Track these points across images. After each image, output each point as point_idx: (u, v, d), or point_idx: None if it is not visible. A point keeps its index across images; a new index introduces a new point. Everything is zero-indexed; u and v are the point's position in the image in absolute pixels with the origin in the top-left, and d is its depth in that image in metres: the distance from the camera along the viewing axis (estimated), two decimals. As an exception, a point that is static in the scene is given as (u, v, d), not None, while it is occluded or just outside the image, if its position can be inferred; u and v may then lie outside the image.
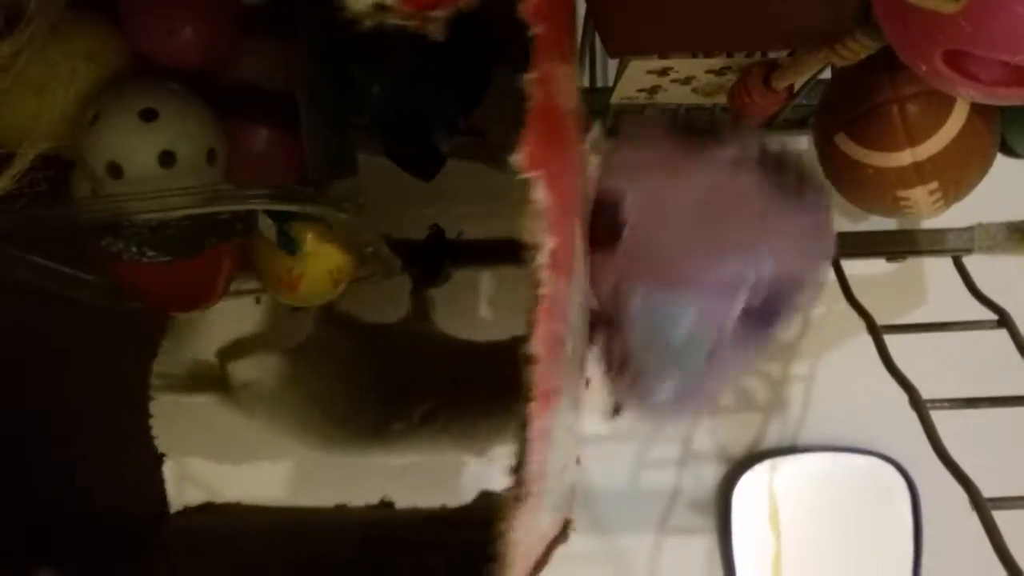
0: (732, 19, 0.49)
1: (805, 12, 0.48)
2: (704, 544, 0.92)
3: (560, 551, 0.53)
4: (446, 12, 0.33)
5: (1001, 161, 0.60)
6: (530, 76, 0.33)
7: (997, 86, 0.37)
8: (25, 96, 0.44)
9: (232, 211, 0.51)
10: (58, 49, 0.45)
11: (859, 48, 0.48)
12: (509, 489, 0.38)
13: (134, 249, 0.49)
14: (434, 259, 0.74)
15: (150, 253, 0.49)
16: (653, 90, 0.62)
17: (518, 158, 0.33)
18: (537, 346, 0.37)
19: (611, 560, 0.93)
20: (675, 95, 0.63)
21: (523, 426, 0.38)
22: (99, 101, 0.46)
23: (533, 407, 0.38)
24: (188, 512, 0.68)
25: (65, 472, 0.58)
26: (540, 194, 0.34)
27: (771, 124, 0.78)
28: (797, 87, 0.59)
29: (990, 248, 0.72)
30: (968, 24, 0.33)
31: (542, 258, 0.35)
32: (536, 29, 0.34)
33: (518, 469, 0.38)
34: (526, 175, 0.34)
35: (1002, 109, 0.58)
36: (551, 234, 0.35)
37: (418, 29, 0.33)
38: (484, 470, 0.88)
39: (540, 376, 0.37)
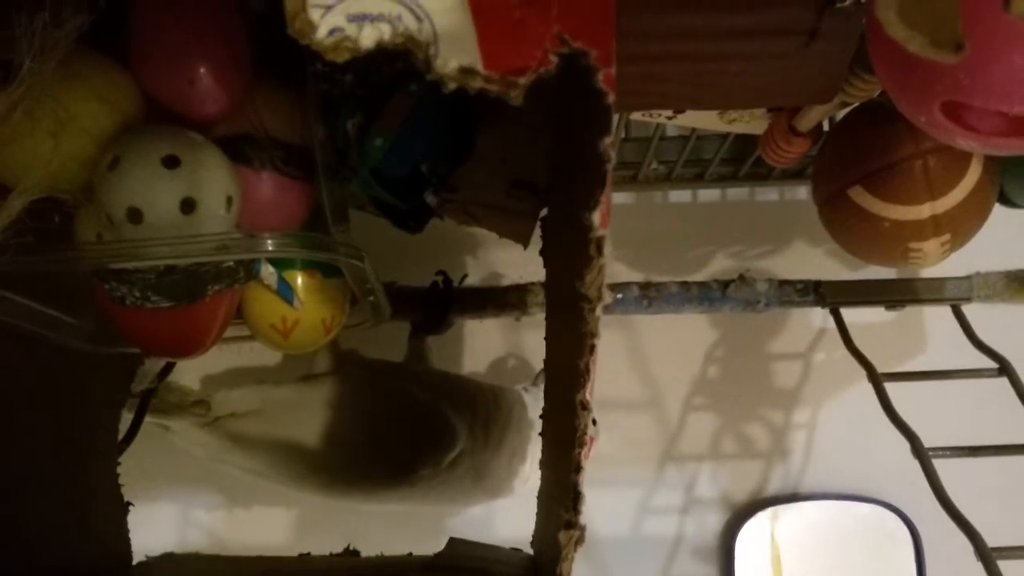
0: (725, 80, 0.49)
1: (796, 75, 0.48)
2: (707, 593, 0.91)
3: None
4: (528, 79, 0.33)
5: (998, 211, 0.61)
6: (607, 140, 0.33)
7: (995, 136, 0.37)
8: (40, 138, 0.44)
9: (240, 258, 0.51)
10: (72, 90, 0.45)
11: (869, 87, 0.49)
12: (567, 531, 0.39)
13: (138, 294, 0.49)
14: (439, 307, 0.74)
15: (153, 298, 0.49)
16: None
17: (595, 216, 0.34)
18: (589, 394, 0.38)
19: (613, 609, 0.92)
20: (695, 119, 0.63)
21: (576, 471, 0.39)
22: (119, 146, 0.46)
23: (583, 453, 0.39)
24: (149, 564, 0.66)
25: (26, 523, 0.56)
26: (607, 250, 0.35)
27: (803, 171, 0.79)
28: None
29: (989, 297, 0.72)
30: (966, 76, 0.34)
31: (600, 311, 0.36)
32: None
33: (574, 512, 0.39)
34: (600, 232, 0.34)
35: (1000, 159, 0.59)
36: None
37: (499, 94, 0.33)
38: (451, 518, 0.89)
39: (588, 422, 0.39)
